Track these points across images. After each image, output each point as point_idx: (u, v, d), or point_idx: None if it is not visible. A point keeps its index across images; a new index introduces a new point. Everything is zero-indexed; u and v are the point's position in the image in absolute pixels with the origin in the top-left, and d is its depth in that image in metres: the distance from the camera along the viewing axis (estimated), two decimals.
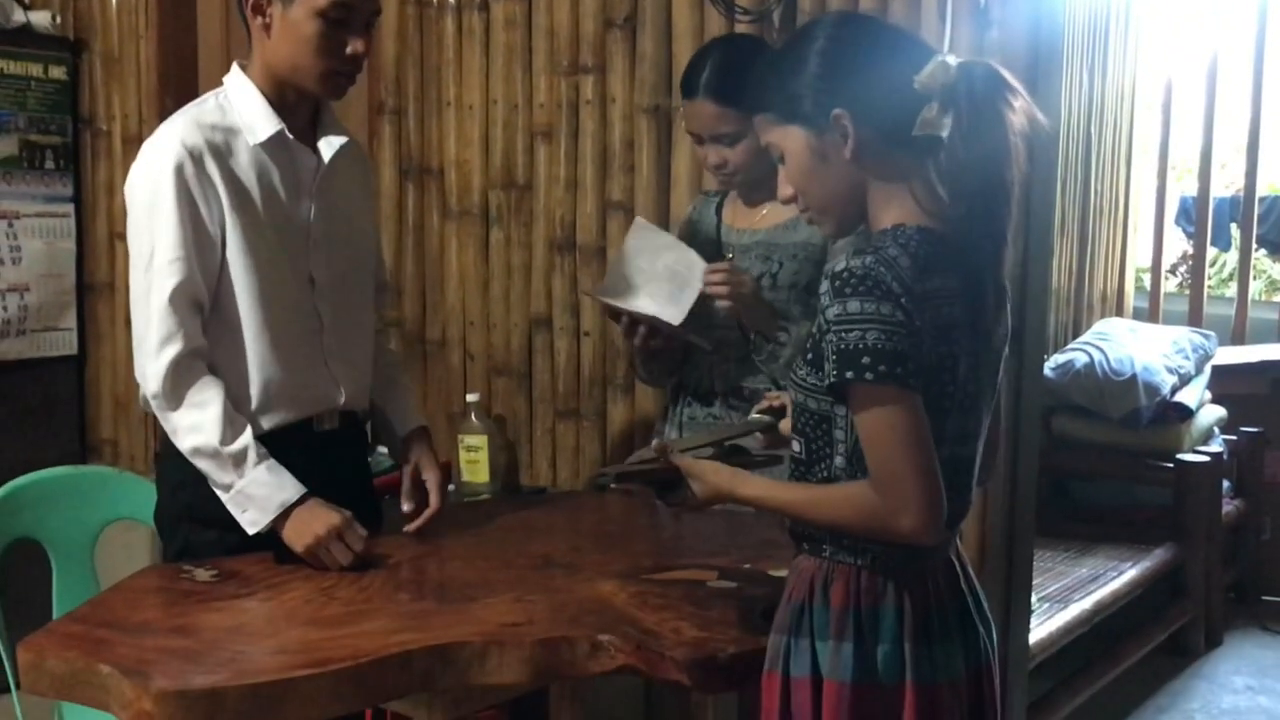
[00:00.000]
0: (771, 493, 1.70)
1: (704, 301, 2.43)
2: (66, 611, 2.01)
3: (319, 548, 2.06)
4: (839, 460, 1.61)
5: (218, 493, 2.11)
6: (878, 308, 1.52)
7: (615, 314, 2.49)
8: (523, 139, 3.15)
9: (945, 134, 1.58)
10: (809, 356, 1.61)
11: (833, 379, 1.55)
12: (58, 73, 3.62)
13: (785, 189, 1.70)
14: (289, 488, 2.10)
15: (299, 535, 2.07)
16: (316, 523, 2.07)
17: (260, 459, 2.09)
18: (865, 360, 1.52)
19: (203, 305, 2.11)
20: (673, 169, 2.96)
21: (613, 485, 2.03)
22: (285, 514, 2.08)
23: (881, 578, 1.62)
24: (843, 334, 1.53)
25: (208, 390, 2.09)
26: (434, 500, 2.32)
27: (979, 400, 1.66)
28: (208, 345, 2.12)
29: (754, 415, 2.03)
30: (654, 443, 1.92)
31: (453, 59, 3.22)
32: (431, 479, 2.34)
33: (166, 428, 2.13)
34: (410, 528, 2.28)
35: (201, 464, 2.10)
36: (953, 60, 1.59)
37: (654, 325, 2.44)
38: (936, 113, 1.57)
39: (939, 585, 1.65)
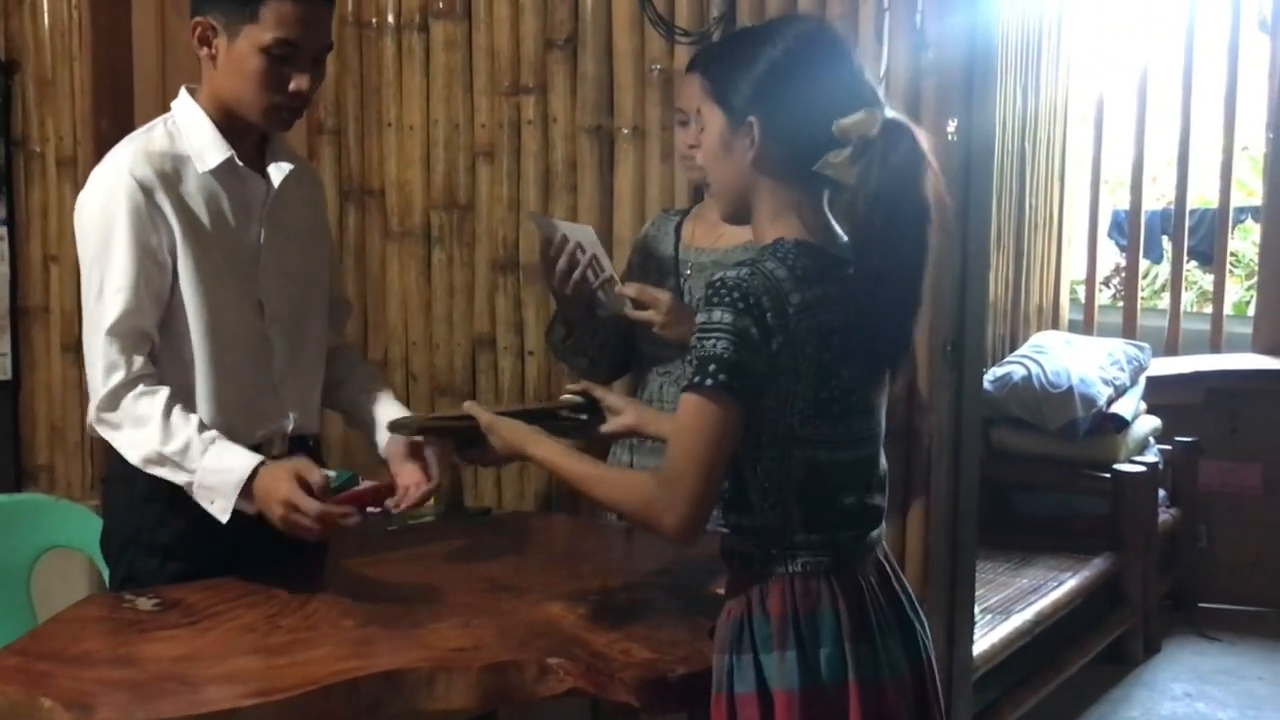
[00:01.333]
0: (562, 460, 1.81)
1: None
2: (2, 641, 1.98)
3: (287, 525, 2.02)
4: None
5: (188, 490, 2.06)
6: (735, 319, 1.60)
7: (549, 245, 2.42)
8: (464, 159, 3.15)
9: (848, 182, 1.64)
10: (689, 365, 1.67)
11: (686, 381, 1.64)
12: None
13: (697, 154, 1.77)
14: (238, 466, 2.05)
15: (269, 512, 2.03)
16: (271, 500, 2.02)
17: (205, 447, 2.05)
18: (711, 368, 1.61)
19: (149, 334, 2.09)
20: (615, 188, 2.97)
21: (415, 436, 2.14)
22: (248, 491, 2.03)
23: (815, 582, 1.66)
24: (702, 340, 1.62)
25: (146, 405, 2.06)
26: (436, 474, 2.24)
27: (871, 404, 1.72)
28: (155, 372, 2.09)
29: (565, 395, 2.12)
30: (465, 404, 2.00)
31: (393, 79, 3.21)
32: (434, 455, 2.25)
33: (119, 450, 2.10)
34: (407, 501, 2.21)
35: (156, 472, 2.07)
36: (881, 116, 1.63)
37: (593, 259, 2.38)
38: (843, 160, 1.64)
39: (872, 585, 1.71)
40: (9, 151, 3.62)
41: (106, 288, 2.06)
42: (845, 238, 1.70)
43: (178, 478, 2.06)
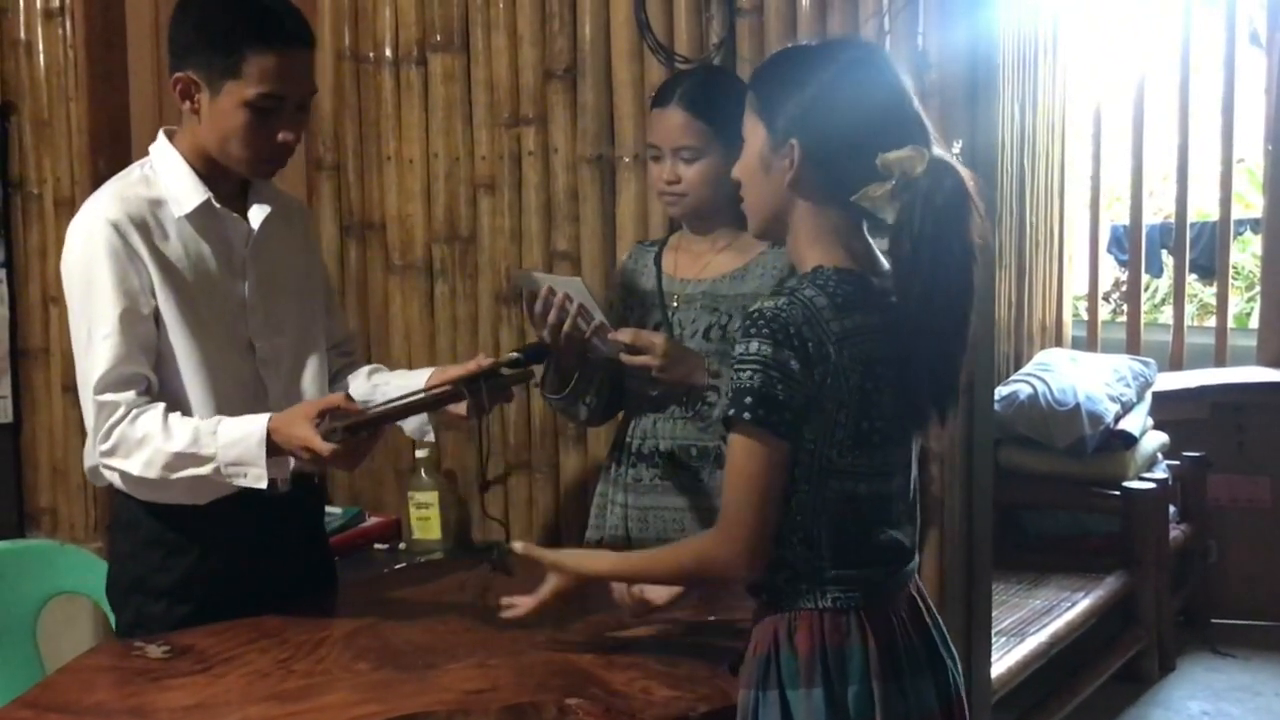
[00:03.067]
0: (618, 565, 1.86)
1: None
2: (8, 689, 1.96)
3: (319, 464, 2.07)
4: None
5: (218, 480, 2.03)
6: (774, 353, 1.57)
7: (534, 299, 2.37)
8: (465, 191, 3.13)
9: (885, 217, 1.61)
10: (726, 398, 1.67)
11: (719, 412, 1.63)
12: None
13: (734, 169, 1.76)
14: (253, 428, 2.03)
15: (298, 455, 2.03)
16: (294, 445, 2.01)
17: (214, 428, 2.03)
18: (747, 400, 1.58)
19: (142, 375, 2.07)
20: (617, 218, 2.95)
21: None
22: (272, 447, 2.02)
23: (845, 618, 1.63)
24: (739, 372, 1.60)
25: (143, 424, 2.03)
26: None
27: (906, 431, 1.70)
28: (148, 402, 2.07)
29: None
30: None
31: (392, 113, 3.19)
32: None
33: (131, 479, 2.07)
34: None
35: (180, 477, 2.04)
36: (928, 155, 1.60)
37: (581, 309, 2.34)
38: (883, 194, 1.60)
39: (903, 621, 1.68)
40: (6, 193, 3.60)
41: (94, 335, 2.05)
42: (887, 265, 1.66)
43: (201, 469, 2.03)
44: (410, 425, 2.34)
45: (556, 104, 2.99)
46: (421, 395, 2.17)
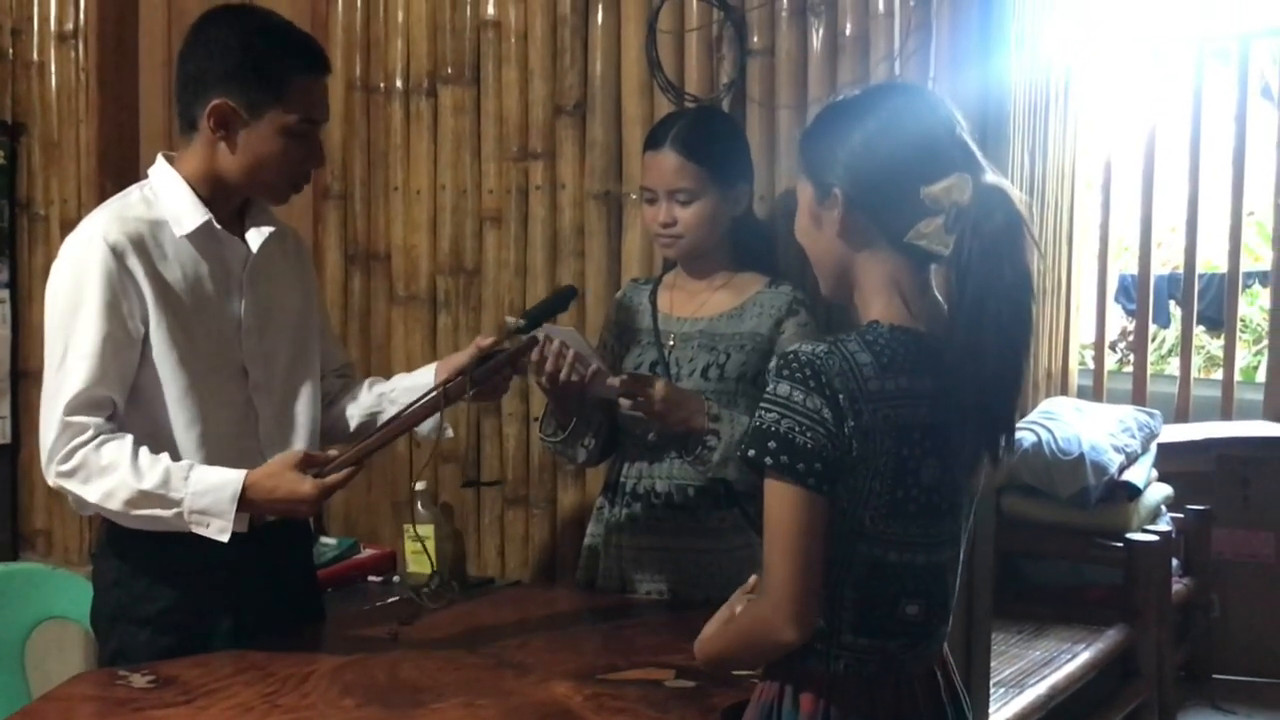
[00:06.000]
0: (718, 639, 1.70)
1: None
2: None
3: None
4: None
5: (178, 525, 2.02)
6: (805, 399, 1.51)
7: (532, 345, 2.35)
8: (471, 224, 3.12)
9: (943, 252, 1.55)
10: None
11: (740, 451, 1.56)
12: None
13: (796, 232, 1.71)
14: (228, 481, 2.03)
15: (284, 515, 2.10)
16: (280, 505, 2.05)
17: (186, 473, 2.02)
18: (771, 445, 1.52)
19: (111, 400, 2.05)
20: (623, 254, 2.94)
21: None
22: (242, 500, 2.01)
23: (854, 685, 1.58)
24: (764, 413, 1.54)
25: (110, 452, 2.02)
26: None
27: (957, 504, 1.62)
28: (115, 429, 2.06)
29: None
30: None
31: (400, 144, 3.19)
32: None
33: (90, 506, 2.06)
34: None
35: (139, 514, 2.02)
36: (973, 181, 1.54)
37: (577, 356, 2.34)
38: (935, 229, 1.54)
39: (916, 699, 1.61)
40: (13, 214, 3.61)
41: (70, 354, 2.03)
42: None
43: (164, 511, 2.01)
44: (425, 429, 2.30)
45: (565, 139, 2.99)
46: (402, 415, 2.18)
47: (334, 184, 3.26)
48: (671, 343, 2.49)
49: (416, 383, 2.32)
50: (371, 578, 3.06)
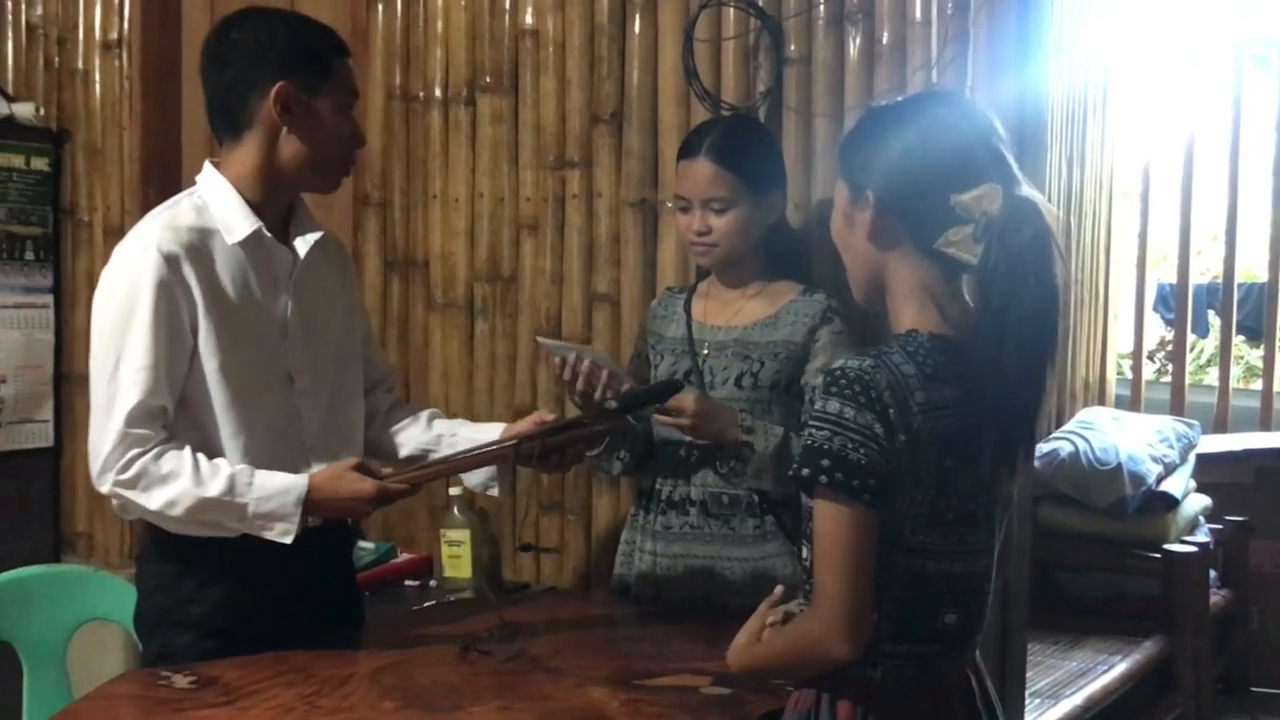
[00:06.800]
0: (752, 661, 1.69)
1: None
2: (37, 713, 1.96)
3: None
4: None
5: (239, 528, 2.07)
6: (857, 415, 1.50)
7: (564, 365, 2.40)
8: (508, 232, 3.14)
9: (971, 261, 1.55)
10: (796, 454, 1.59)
11: (791, 471, 1.55)
12: (40, 164, 3.61)
13: (833, 235, 1.72)
14: (291, 485, 2.08)
15: (344, 515, 2.20)
16: (345, 504, 2.12)
17: (250, 478, 2.07)
18: (824, 463, 1.51)
19: (166, 409, 2.08)
20: (659, 262, 2.95)
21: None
22: (304, 503, 2.08)
23: (891, 693, 1.58)
24: (814, 431, 1.53)
25: (170, 462, 2.05)
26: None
27: (992, 512, 1.63)
28: (170, 438, 2.08)
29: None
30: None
31: (439, 152, 3.22)
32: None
33: (150, 516, 2.09)
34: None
35: (201, 520, 2.07)
36: (1004, 192, 1.54)
37: (611, 374, 2.35)
38: (964, 237, 1.54)
39: (952, 703, 1.61)
40: (57, 220, 3.66)
41: (124, 366, 2.05)
42: None
43: (228, 516, 2.06)
44: (475, 479, 2.36)
45: (602, 148, 3.01)
46: (469, 453, 2.24)
47: (373, 192, 3.29)
48: (706, 351, 2.50)
49: (479, 436, 2.35)
50: (408, 582, 3.09)
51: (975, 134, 1.61)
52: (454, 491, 3.05)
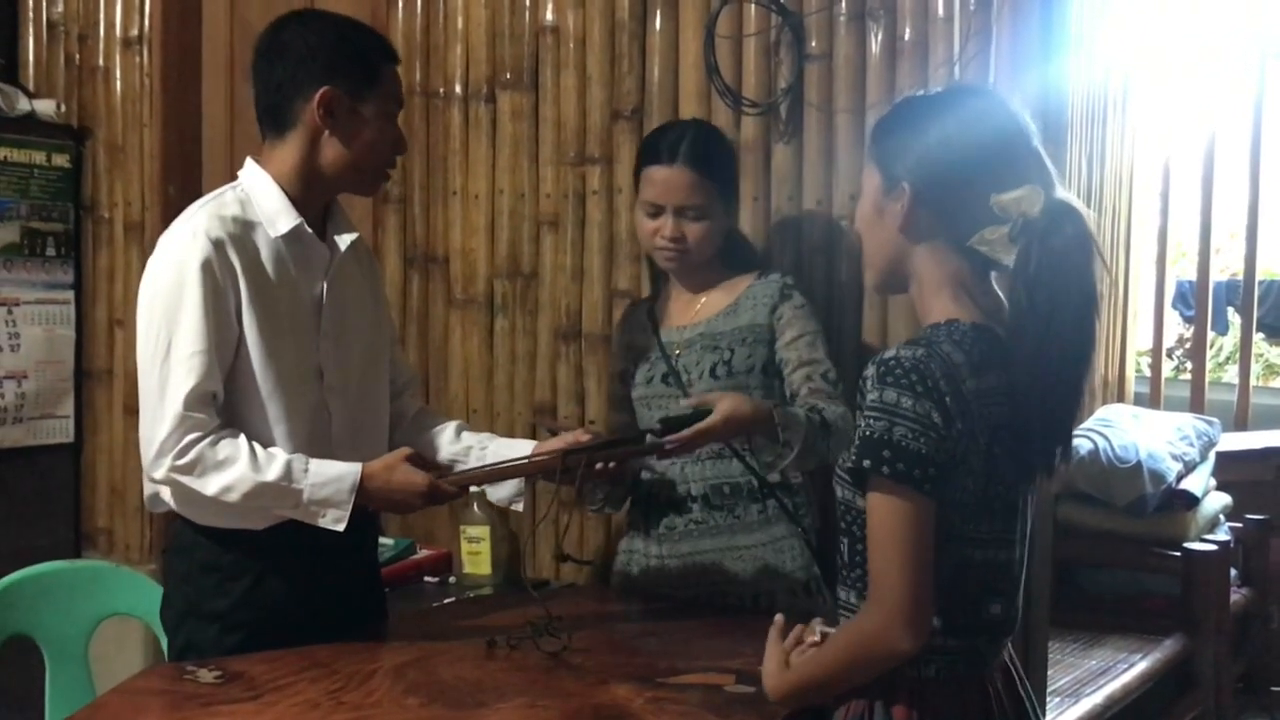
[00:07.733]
0: (802, 679, 1.64)
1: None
2: (60, 709, 1.96)
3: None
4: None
5: (292, 514, 2.09)
6: (915, 404, 1.49)
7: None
8: (529, 228, 3.14)
9: (1005, 261, 1.55)
10: (852, 447, 1.56)
11: (850, 463, 1.53)
12: (61, 160, 3.62)
13: (856, 219, 1.72)
14: (345, 473, 2.10)
15: (394, 508, 2.21)
16: (396, 494, 2.13)
17: (305, 465, 2.08)
18: (885, 453, 1.49)
19: (218, 394, 2.10)
20: None
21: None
22: (357, 491, 2.09)
23: (945, 689, 1.57)
24: (872, 421, 1.51)
25: (227, 448, 2.07)
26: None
27: (1026, 501, 1.63)
28: (224, 424, 2.10)
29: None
30: None
31: (459, 148, 3.22)
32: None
33: (192, 498, 2.10)
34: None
35: (259, 504, 2.08)
36: (1044, 195, 1.53)
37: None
38: (1000, 237, 1.54)
39: (999, 691, 1.62)
40: (78, 216, 3.67)
41: (177, 352, 2.06)
42: None
43: (283, 503, 2.07)
44: (502, 493, 2.37)
45: (622, 144, 3.00)
46: (514, 463, 2.25)
47: (393, 188, 3.29)
48: (678, 353, 2.52)
49: (508, 451, 2.35)
50: (428, 578, 3.09)
51: (1019, 134, 1.60)
52: (473, 489, 3.04)
